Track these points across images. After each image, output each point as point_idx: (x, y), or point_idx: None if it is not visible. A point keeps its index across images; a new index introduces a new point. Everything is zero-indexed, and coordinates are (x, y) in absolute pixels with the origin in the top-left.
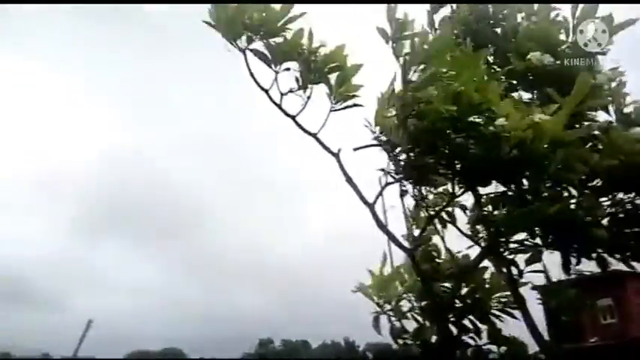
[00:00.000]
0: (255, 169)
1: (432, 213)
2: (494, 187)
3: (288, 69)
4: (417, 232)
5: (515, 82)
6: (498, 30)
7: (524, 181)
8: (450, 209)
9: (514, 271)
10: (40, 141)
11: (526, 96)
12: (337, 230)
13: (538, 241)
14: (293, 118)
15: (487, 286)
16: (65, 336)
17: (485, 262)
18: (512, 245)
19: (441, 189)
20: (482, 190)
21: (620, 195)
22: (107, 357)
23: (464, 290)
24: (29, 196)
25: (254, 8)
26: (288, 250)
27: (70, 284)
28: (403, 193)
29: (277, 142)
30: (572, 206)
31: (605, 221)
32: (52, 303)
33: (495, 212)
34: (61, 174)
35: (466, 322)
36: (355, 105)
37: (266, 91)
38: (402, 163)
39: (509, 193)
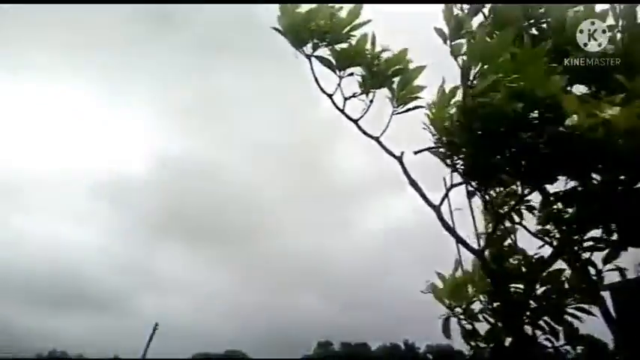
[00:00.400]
0: (315, 174)
1: (501, 213)
2: (564, 184)
3: (351, 74)
4: (485, 233)
5: (575, 75)
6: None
7: (596, 175)
8: (518, 208)
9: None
10: (102, 150)
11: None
12: (396, 233)
13: (615, 237)
14: (355, 122)
15: (563, 285)
16: (132, 338)
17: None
18: (586, 243)
19: (508, 188)
20: (551, 188)
21: None
22: (172, 358)
23: (538, 290)
24: (93, 203)
25: (321, 15)
26: (347, 253)
27: (135, 288)
28: (471, 195)
29: (336, 146)
30: None
31: None
32: (119, 307)
33: (567, 209)
34: (123, 182)
35: (541, 322)
36: (417, 107)
37: (330, 96)
38: (467, 164)
39: (580, 189)
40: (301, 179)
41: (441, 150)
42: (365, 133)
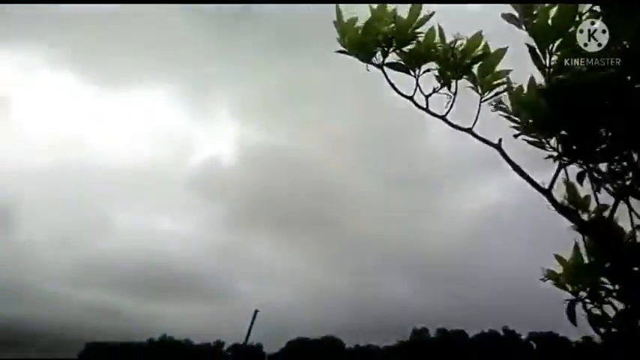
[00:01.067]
0: (400, 163)
1: (618, 188)
2: None
3: (428, 70)
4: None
5: None
6: None
7: None
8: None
9: None
10: (192, 145)
11: None
12: (490, 219)
13: None
14: (443, 117)
15: None
16: (233, 324)
17: None
18: None
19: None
20: None
21: None
22: (271, 344)
23: None
24: (189, 196)
25: (382, 22)
26: (441, 240)
27: (234, 276)
28: (581, 176)
29: (416, 135)
30: None
31: None
32: (221, 295)
33: None
34: (215, 173)
35: None
36: (506, 90)
37: (410, 98)
38: (566, 142)
39: None
40: (385, 167)
41: (532, 133)
42: (455, 126)
